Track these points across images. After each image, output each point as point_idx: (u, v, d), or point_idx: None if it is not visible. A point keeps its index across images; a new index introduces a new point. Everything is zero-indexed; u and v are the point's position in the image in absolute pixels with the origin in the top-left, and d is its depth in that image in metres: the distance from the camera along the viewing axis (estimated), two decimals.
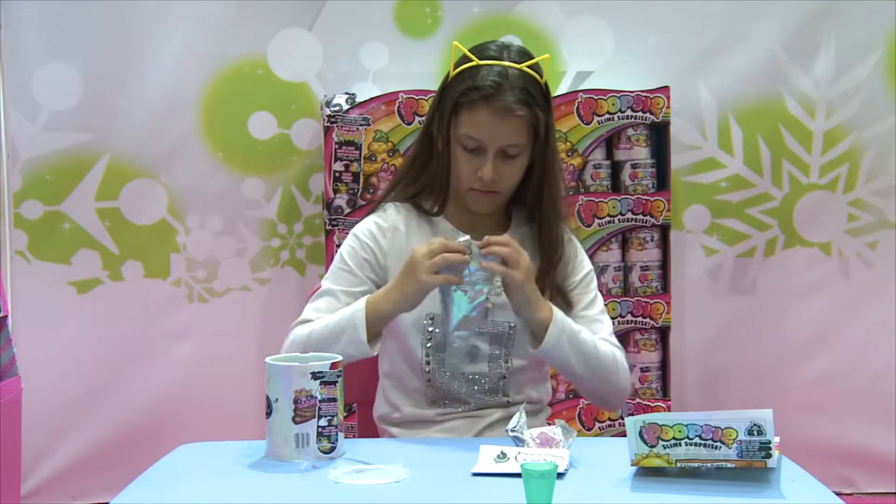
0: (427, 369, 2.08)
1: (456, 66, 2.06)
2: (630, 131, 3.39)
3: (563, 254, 2.11)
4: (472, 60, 2.03)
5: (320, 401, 1.73)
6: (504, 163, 2.02)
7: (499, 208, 2.12)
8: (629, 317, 3.41)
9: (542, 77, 2.04)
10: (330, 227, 3.33)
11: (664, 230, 3.43)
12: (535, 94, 2.01)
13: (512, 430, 1.80)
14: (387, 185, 2.17)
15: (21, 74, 3.38)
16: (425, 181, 2.11)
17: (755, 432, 1.59)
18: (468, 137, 2.00)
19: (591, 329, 2.07)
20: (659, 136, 3.43)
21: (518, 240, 2.08)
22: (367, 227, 2.12)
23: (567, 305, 2.09)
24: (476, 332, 2.06)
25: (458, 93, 2.01)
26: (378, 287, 2.06)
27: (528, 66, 2.02)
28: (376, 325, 1.98)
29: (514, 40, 2.14)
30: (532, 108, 1.99)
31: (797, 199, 3.58)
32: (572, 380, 2.06)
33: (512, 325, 2.07)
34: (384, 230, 2.10)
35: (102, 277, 3.47)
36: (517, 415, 1.82)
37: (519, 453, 1.71)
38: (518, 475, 1.54)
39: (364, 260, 2.08)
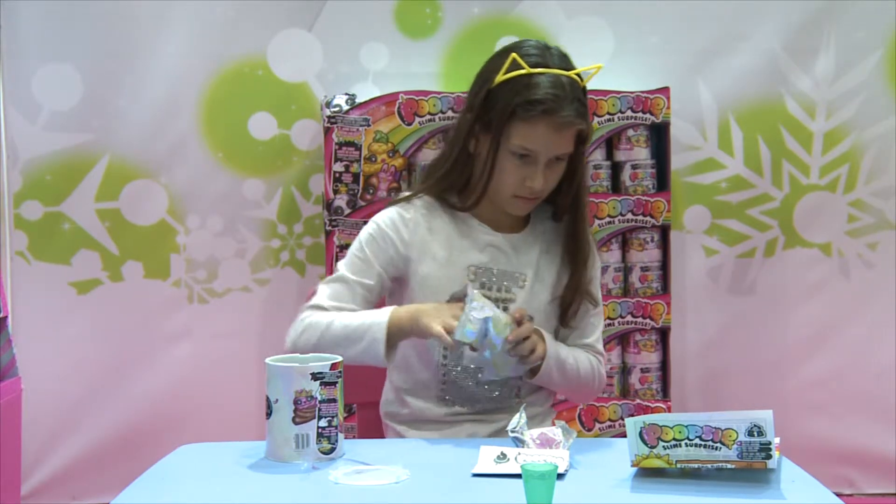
0: (444, 363, 2.08)
1: (505, 71, 2.01)
2: (630, 132, 3.39)
3: (592, 254, 2.14)
4: (523, 67, 1.99)
5: (320, 401, 1.73)
6: (549, 169, 2.02)
7: None
8: (629, 317, 3.40)
9: (583, 81, 2.04)
10: (330, 227, 3.33)
11: (664, 231, 3.43)
12: (585, 102, 2.02)
13: (512, 431, 1.80)
14: (422, 177, 2.17)
15: (21, 74, 3.38)
16: (456, 179, 2.09)
17: (755, 433, 1.59)
18: (522, 148, 1.99)
19: (584, 333, 2.13)
20: (659, 136, 3.43)
21: (539, 236, 2.09)
22: (389, 216, 2.10)
23: (593, 304, 2.13)
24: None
25: (514, 104, 1.98)
26: (389, 279, 2.08)
27: (576, 74, 2.01)
28: (395, 339, 1.99)
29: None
30: (586, 119, 2.01)
31: (797, 200, 3.58)
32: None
33: (530, 317, 2.07)
34: (406, 220, 2.09)
35: (102, 278, 3.47)
36: (517, 415, 1.82)
37: (519, 454, 1.71)
38: (518, 476, 1.54)
39: (381, 250, 2.08)
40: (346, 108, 3.32)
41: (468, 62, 3.44)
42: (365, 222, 3.26)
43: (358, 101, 3.34)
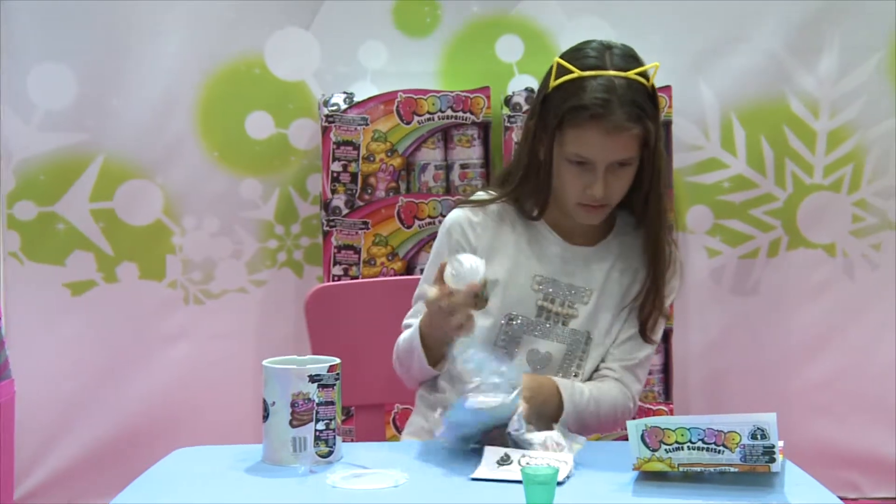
0: None
1: (557, 75, 1.98)
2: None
3: (672, 268, 2.09)
4: (573, 71, 1.96)
5: (318, 404, 1.73)
6: (613, 175, 1.97)
7: None
8: None
9: (648, 81, 1.98)
10: (328, 228, 3.33)
11: None
12: (645, 105, 1.96)
13: (515, 432, 1.79)
14: (498, 181, 2.14)
15: (15, 74, 3.38)
16: (526, 185, 2.06)
17: (759, 436, 1.59)
18: (576, 155, 1.96)
19: (631, 350, 2.07)
20: None
21: (614, 249, 2.07)
22: (457, 219, 2.08)
23: (664, 320, 2.09)
24: (545, 338, 2.05)
25: (563, 110, 1.95)
26: None
27: (636, 74, 1.96)
28: (435, 349, 1.96)
29: (611, 37, 2.07)
30: (643, 122, 1.94)
31: (801, 200, 3.57)
32: None
33: (589, 334, 2.06)
34: (474, 224, 2.07)
35: (97, 279, 3.47)
36: (516, 416, 1.80)
37: (522, 456, 1.71)
38: (518, 481, 1.54)
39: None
40: (344, 107, 3.32)
41: (467, 61, 3.47)
42: (364, 223, 3.32)
43: (356, 99, 3.33)
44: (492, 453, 1.73)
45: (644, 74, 1.98)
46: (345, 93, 3.36)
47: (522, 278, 2.04)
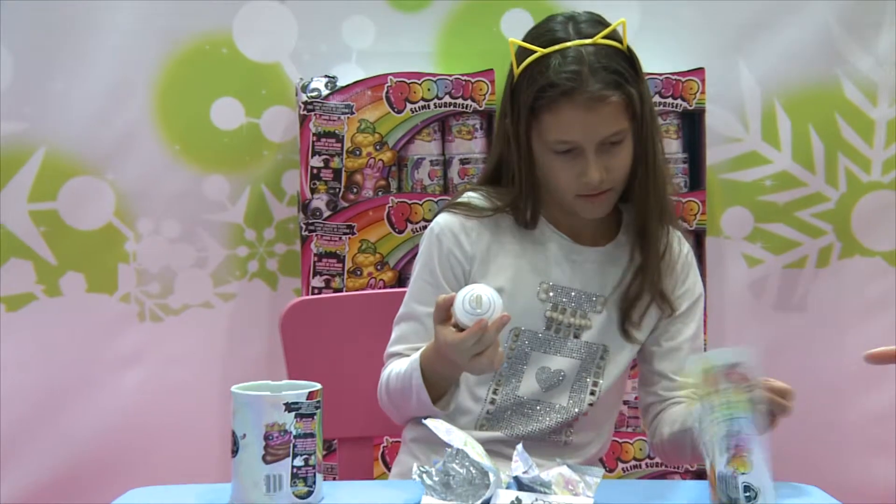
0: (493, 397, 2.07)
1: (519, 60, 2.03)
2: (658, 121, 3.39)
3: (670, 258, 2.11)
4: (535, 51, 2.00)
5: (295, 437, 1.74)
6: (609, 154, 2.00)
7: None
8: None
9: (622, 43, 2.01)
10: (306, 232, 3.34)
11: (699, 236, 3.44)
12: (622, 68, 1.99)
13: (523, 475, 1.79)
14: (483, 176, 2.18)
15: None
16: (520, 193, 2.08)
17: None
18: (559, 142, 1.99)
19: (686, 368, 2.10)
20: (692, 126, 3.44)
21: (627, 246, 2.09)
22: (448, 225, 2.10)
23: (671, 309, 2.10)
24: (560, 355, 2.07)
25: (532, 94, 1.99)
26: None
27: (603, 37, 1.98)
28: (434, 380, 1.97)
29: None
30: (623, 87, 1.97)
31: (856, 201, 3.59)
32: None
33: (605, 347, 2.08)
34: (468, 229, 2.09)
35: (37, 292, 3.47)
36: (521, 456, 1.80)
37: (536, 500, 1.71)
38: None
39: (447, 268, 2.08)
40: (325, 92, 3.34)
41: (468, 40, 3.49)
42: (348, 227, 3.33)
43: (339, 84, 3.35)
44: (503, 496, 1.73)
45: (614, 36, 2.01)
46: (326, 76, 3.38)
47: (527, 287, 2.06)
